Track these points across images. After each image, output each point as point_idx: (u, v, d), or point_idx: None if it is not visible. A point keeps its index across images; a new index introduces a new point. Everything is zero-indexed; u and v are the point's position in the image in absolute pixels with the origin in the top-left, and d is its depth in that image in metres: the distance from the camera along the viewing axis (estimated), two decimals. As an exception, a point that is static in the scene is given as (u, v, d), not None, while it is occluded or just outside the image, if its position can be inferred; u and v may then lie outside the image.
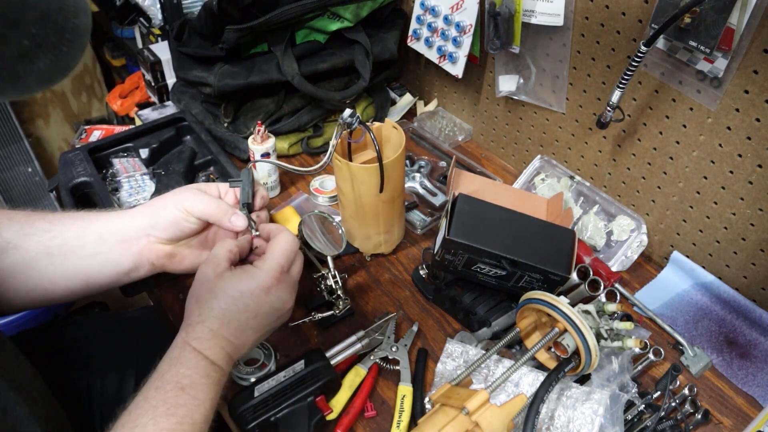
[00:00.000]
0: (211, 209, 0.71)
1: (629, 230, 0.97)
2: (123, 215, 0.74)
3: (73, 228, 0.72)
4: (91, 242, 0.71)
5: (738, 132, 0.79)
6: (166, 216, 0.72)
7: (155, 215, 0.72)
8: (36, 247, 0.70)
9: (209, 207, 0.71)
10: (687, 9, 0.70)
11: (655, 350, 0.81)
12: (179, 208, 0.71)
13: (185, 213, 0.71)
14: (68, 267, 0.71)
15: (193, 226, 0.73)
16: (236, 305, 0.64)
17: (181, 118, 1.16)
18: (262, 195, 0.77)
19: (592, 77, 0.94)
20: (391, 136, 0.89)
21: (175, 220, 0.71)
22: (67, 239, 0.71)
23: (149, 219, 0.72)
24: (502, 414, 0.63)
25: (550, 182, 1.07)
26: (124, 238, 0.72)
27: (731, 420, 0.78)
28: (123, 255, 0.73)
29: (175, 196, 0.72)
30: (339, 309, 0.83)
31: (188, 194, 0.72)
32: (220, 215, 0.71)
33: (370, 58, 1.14)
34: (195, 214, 0.71)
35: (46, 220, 0.72)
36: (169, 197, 0.73)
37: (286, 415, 0.70)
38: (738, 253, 0.87)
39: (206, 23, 1.08)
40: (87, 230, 0.72)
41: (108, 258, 0.72)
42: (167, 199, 0.73)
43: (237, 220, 0.72)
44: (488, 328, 0.83)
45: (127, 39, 1.91)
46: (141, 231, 0.72)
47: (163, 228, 0.72)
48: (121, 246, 0.72)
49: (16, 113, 2.07)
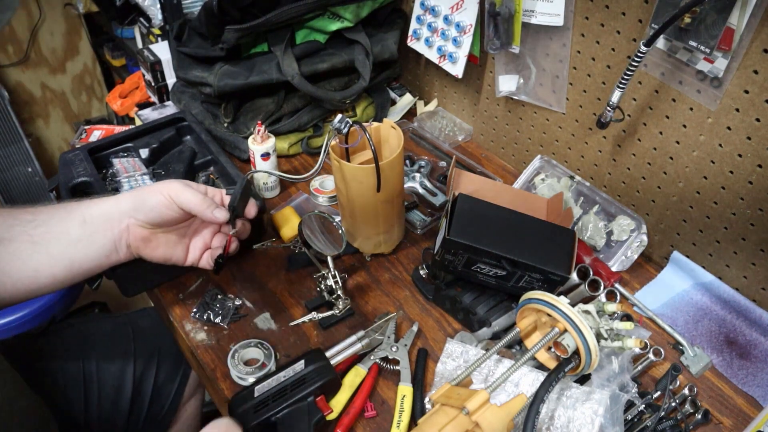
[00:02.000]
0: (196, 200, 0.74)
1: (629, 230, 0.96)
2: (108, 199, 0.76)
3: (56, 215, 0.74)
4: (75, 226, 0.74)
5: (738, 132, 0.78)
6: (150, 200, 0.74)
7: (140, 199, 0.75)
8: (20, 237, 0.71)
9: (194, 198, 0.74)
10: (687, 9, 0.70)
11: (655, 350, 0.81)
12: (165, 194, 0.74)
13: (169, 200, 0.74)
14: (52, 253, 0.72)
15: (175, 214, 0.75)
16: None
17: (181, 118, 1.16)
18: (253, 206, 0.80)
19: (592, 77, 0.94)
20: (389, 136, 0.89)
21: (158, 204, 0.74)
22: (50, 226, 0.73)
23: (134, 202, 0.75)
24: (503, 414, 0.63)
25: (550, 182, 1.07)
26: (107, 219, 0.75)
27: (731, 420, 0.78)
28: (105, 237, 0.75)
29: (162, 185, 0.76)
30: (339, 309, 0.83)
31: (176, 184, 0.75)
32: (203, 207, 0.74)
33: (370, 58, 1.14)
34: (178, 203, 0.74)
35: (28, 212, 0.74)
36: (157, 184, 0.76)
37: (286, 415, 0.70)
38: (738, 253, 0.87)
39: (206, 23, 1.08)
40: (70, 216, 0.74)
41: (91, 240, 0.74)
42: (155, 186, 0.76)
43: (219, 213, 0.75)
44: (488, 328, 0.83)
45: (127, 39, 1.92)
46: (124, 213, 0.75)
47: (144, 212, 0.74)
48: (103, 227, 0.74)
49: (16, 113, 2.07)
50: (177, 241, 0.79)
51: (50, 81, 2.30)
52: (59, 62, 2.28)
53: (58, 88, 2.33)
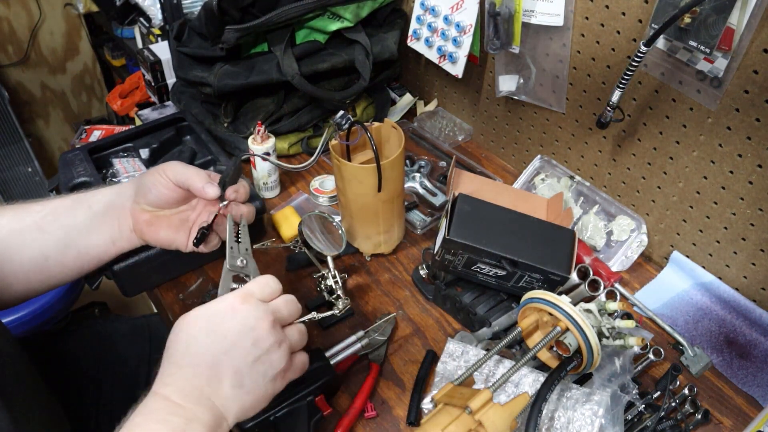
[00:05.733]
0: (189, 173, 0.76)
1: (629, 230, 0.97)
2: (113, 187, 0.80)
3: (63, 204, 0.77)
4: (81, 214, 0.76)
5: (738, 132, 0.79)
6: (148, 181, 0.77)
7: (140, 182, 0.78)
8: (29, 226, 0.74)
9: (187, 171, 0.76)
10: (687, 9, 0.70)
11: (655, 350, 0.81)
12: (161, 174, 0.76)
13: (165, 178, 0.76)
14: (61, 240, 0.75)
15: (173, 194, 0.77)
16: (200, 333, 0.58)
17: (181, 118, 1.16)
18: (244, 185, 0.81)
19: (592, 77, 0.94)
20: (390, 136, 0.89)
21: (156, 184, 0.76)
22: (57, 215, 0.76)
23: (135, 186, 0.78)
24: (505, 413, 0.63)
25: (550, 182, 1.07)
26: (111, 205, 0.78)
27: (731, 420, 0.78)
28: (109, 223, 0.78)
29: (160, 165, 0.78)
30: (339, 309, 0.83)
31: (173, 164, 0.78)
32: (196, 180, 0.76)
33: (370, 58, 1.14)
34: (174, 179, 0.76)
35: (38, 203, 0.77)
36: (156, 167, 0.78)
37: (285, 414, 0.70)
38: (738, 253, 0.87)
39: (206, 23, 1.08)
40: (77, 204, 0.77)
41: (97, 227, 0.77)
42: (154, 167, 0.78)
43: (210, 188, 0.76)
44: (488, 328, 0.83)
45: (127, 39, 1.91)
46: (127, 198, 0.78)
47: (144, 193, 0.77)
48: (108, 214, 0.77)
49: (16, 113, 2.07)
50: (179, 225, 0.80)
51: (50, 81, 2.30)
52: (59, 62, 2.28)
53: (58, 88, 2.33)
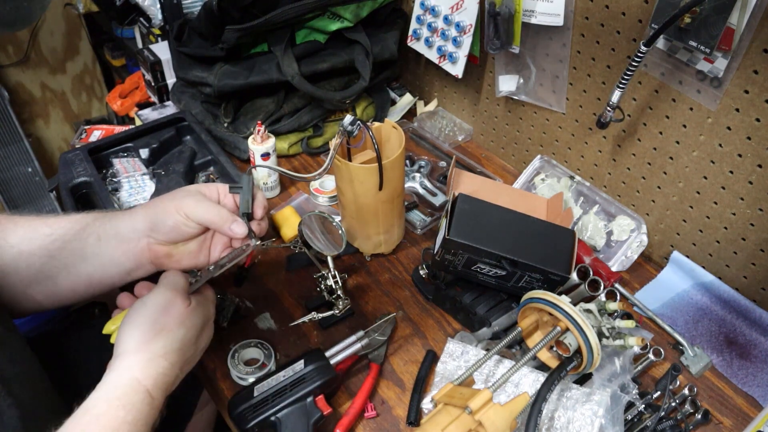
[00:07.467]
0: (212, 215, 0.72)
1: (629, 230, 0.97)
2: (122, 216, 0.74)
3: (72, 231, 0.73)
4: (90, 245, 0.73)
5: (738, 132, 0.79)
6: (166, 221, 0.72)
7: (156, 219, 0.73)
8: (39, 251, 0.72)
9: (209, 213, 0.72)
10: (687, 9, 0.70)
11: (655, 350, 0.81)
12: (180, 213, 0.72)
13: (185, 218, 0.72)
14: (70, 269, 0.72)
15: (193, 230, 0.74)
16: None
17: (181, 118, 1.16)
18: (263, 204, 0.77)
19: (592, 77, 0.94)
20: (390, 136, 0.89)
21: (176, 225, 0.72)
22: (66, 242, 0.72)
23: (149, 221, 0.73)
24: (505, 413, 0.63)
25: (550, 182, 1.07)
26: (122, 240, 0.73)
27: (731, 420, 0.78)
28: (123, 256, 0.73)
29: (176, 201, 0.73)
30: (339, 309, 0.83)
31: (189, 200, 0.73)
32: (220, 222, 0.72)
33: (370, 58, 1.14)
34: (195, 220, 0.72)
35: (47, 224, 0.73)
36: (170, 201, 0.73)
37: (285, 414, 0.70)
38: (738, 253, 0.87)
39: (206, 23, 1.08)
40: (85, 233, 0.73)
41: (107, 259, 0.73)
42: (168, 203, 0.73)
43: (237, 227, 0.72)
44: (488, 328, 0.83)
45: (127, 39, 1.91)
46: (140, 233, 0.73)
47: (163, 232, 0.73)
48: (119, 247, 0.73)
49: (16, 113, 2.07)
50: (198, 250, 0.77)
51: (50, 81, 2.30)
52: (59, 62, 2.28)
53: (58, 88, 2.33)
